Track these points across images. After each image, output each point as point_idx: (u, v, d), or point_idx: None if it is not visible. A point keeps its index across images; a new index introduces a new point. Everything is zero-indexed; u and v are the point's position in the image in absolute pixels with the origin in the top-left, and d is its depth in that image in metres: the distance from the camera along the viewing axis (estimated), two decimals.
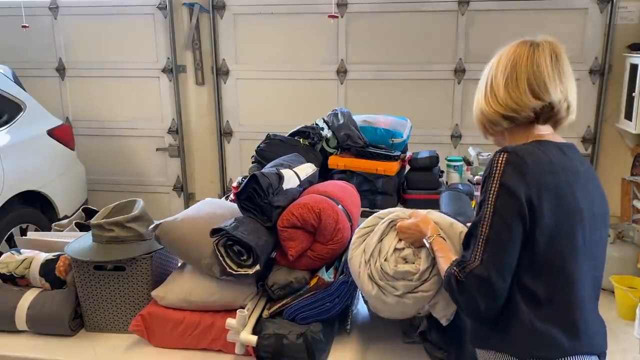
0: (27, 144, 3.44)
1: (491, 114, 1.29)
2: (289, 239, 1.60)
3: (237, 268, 1.51)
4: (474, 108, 1.36)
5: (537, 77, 1.25)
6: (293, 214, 1.61)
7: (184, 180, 4.52)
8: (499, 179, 1.18)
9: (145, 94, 4.39)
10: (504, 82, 1.27)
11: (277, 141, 2.76)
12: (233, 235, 1.50)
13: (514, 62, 1.27)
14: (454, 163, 2.89)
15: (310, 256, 1.63)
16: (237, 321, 1.46)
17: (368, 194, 2.68)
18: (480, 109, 1.33)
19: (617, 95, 3.71)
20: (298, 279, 1.60)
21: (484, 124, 1.34)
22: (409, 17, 3.92)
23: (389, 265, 1.45)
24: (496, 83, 1.29)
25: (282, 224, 1.61)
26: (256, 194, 1.62)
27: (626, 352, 1.68)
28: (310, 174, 1.89)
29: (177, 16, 4.19)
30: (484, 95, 1.31)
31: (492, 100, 1.29)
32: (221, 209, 1.79)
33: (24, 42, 4.43)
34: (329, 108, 3.02)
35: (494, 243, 1.16)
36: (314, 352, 1.46)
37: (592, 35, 3.74)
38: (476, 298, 1.16)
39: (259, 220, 1.62)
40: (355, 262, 1.51)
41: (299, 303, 1.56)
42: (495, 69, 1.30)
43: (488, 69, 1.33)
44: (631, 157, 3.78)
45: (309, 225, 1.61)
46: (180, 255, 1.67)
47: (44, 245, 1.86)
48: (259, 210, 1.63)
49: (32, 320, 1.65)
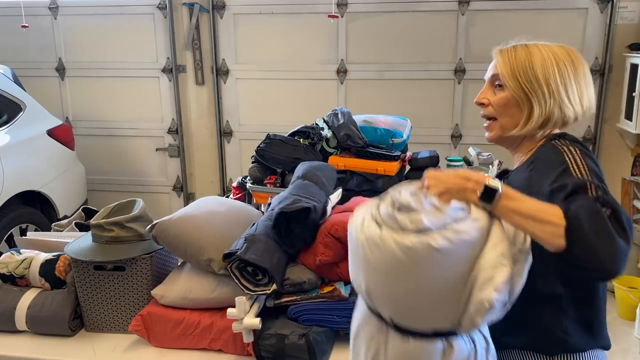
0: (27, 144, 3.44)
1: (569, 116, 1.23)
2: (327, 246, 1.57)
3: (253, 288, 1.50)
4: (545, 108, 1.22)
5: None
6: (345, 230, 1.56)
7: (184, 180, 4.52)
8: (577, 151, 1.13)
9: (145, 94, 4.39)
10: (582, 85, 1.24)
11: (277, 141, 2.76)
12: (246, 260, 1.48)
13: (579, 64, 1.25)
14: (454, 163, 2.89)
15: (336, 271, 1.61)
16: (237, 309, 1.45)
17: (368, 194, 2.68)
18: (560, 108, 1.22)
19: (617, 95, 3.71)
20: (311, 282, 1.59)
21: (540, 124, 1.23)
22: (409, 17, 3.92)
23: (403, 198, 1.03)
24: (576, 84, 1.23)
25: (330, 231, 1.57)
26: (297, 221, 1.59)
27: (626, 352, 1.68)
28: (335, 203, 1.86)
29: (177, 16, 4.19)
30: (567, 95, 1.22)
31: (576, 102, 1.24)
32: (218, 205, 1.79)
33: (24, 42, 4.43)
34: (329, 108, 3.02)
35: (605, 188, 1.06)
36: (315, 353, 1.46)
37: (592, 35, 3.74)
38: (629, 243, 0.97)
39: (281, 243, 1.59)
40: (354, 222, 1.10)
41: (307, 305, 1.54)
42: (560, 67, 1.22)
43: (549, 68, 1.22)
44: (631, 157, 3.78)
45: None
46: (178, 254, 1.67)
47: (44, 245, 1.86)
48: (286, 234, 1.59)
49: (32, 320, 1.65)
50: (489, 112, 1.30)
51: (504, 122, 1.28)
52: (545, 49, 1.24)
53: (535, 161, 1.21)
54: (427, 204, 1.01)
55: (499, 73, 1.26)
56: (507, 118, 1.27)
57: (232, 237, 1.61)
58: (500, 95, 1.26)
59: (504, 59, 1.26)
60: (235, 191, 3.00)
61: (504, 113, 1.27)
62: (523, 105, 1.23)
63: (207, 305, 1.59)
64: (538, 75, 1.22)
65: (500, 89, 1.27)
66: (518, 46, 1.27)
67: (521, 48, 1.26)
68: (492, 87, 1.30)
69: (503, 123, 1.28)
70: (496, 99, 1.27)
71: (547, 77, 1.21)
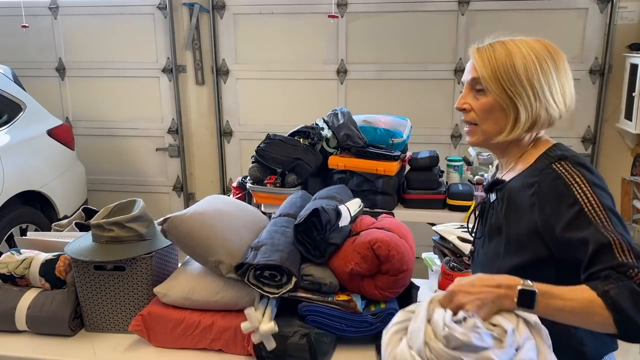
0: (27, 144, 3.44)
1: (555, 116, 1.18)
2: (364, 258, 1.56)
3: (277, 290, 1.50)
4: (531, 111, 1.16)
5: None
6: (389, 250, 1.55)
7: (184, 180, 4.52)
8: (586, 183, 1.06)
9: (145, 94, 4.39)
10: (564, 82, 1.18)
11: (277, 141, 2.77)
12: (256, 265, 1.48)
13: (558, 60, 1.18)
14: (454, 163, 2.90)
15: (359, 284, 1.61)
16: (249, 321, 1.45)
17: (368, 194, 2.69)
18: (546, 109, 1.17)
19: (617, 95, 3.71)
20: (331, 285, 1.59)
21: (527, 128, 1.18)
22: (409, 17, 3.92)
23: (455, 330, 0.94)
24: (558, 81, 1.17)
25: (373, 245, 1.56)
26: (314, 227, 1.60)
27: (627, 353, 1.68)
28: (357, 210, 1.85)
29: (177, 16, 4.19)
30: (551, 95, 1.16)
31: (560, 101, 1.18)
32: (227, 205, 1.79)
33: (24, 42, 4.43)
34: (329, 108, 3.02)
35: (628, 238, 1.01)
36: (317, 353, 1.46)
37: (592, 35, 3.74)
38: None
39: (312, 258, 1.60)
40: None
41: (320, 307, 1.54)
42: (543, 66, 1.16)
43: (532, 67, 1.15)
44: (631, 157, 3.79)
45: (388, 268, 1.57)
46: (186, 251, 1.66)
47: (44, 245, 1.86)
48: (313, 244, 1.61)
49: (32, 320, 1.65)
50: (471, 119, 1.22)
51: (487, 128, 1.21)
52: (524, 46, 1.17)
53: (539, 192, 1.11)
54: (486, 335, 0.93)
55: (479, 76, 1.18)
56: (490, 124, 1.20)
57: (241, 240, 1.63)
58: (483, 100, 1.19)
59: (483, 59, 1.18)
60: (235, 191, 3.00)
61: (487, 119, 1.20)
62: (508, 110, 1.16)
63: (209, 308, 1.59)
64: (521, 76, 1.15)
65: (482, 93, 1.19)
66: (495, 44, 1.19)
67: (499, 46, 1.18)
68: (472, 90, 1.22)
69: (486, 129, 1.21)
70: (478, 104, 1.20)
71: (531, 78, 1.15)
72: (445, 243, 1.95)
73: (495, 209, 1.24)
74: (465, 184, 2.79)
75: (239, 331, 1.50)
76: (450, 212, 2.70)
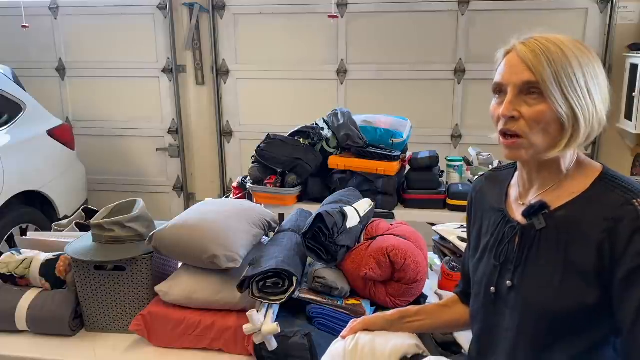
0: (27, 144, 3.44)
1: (598, 130, 1.02)
2: (379, 264, 1.57)
3: (283, 295, 1.50)
4: (590, 121, 0.99)
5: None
6: (405, 259, 1.56)
7: (184, 180, 4.52)
8: None
9: (145, 94, 4.39)
10: (601, 89, 1.01)
11: (277, 141, 2.77)
12: (254, 275, 1.48)
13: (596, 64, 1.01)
14: (454, 163, 2.89)
15: (370, 289, 1.61)
16: (252, 323, 1.45)
17: (368, 194, 2.68)
18: (599, 122, 1.01)
19: (617, 95, 3.71)
20: (342, 291, 1.59)
21: (582, 142, 1.01)
22: (409, 17, 3.93)
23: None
24: (599, 88, 1.00)
25: (390, 252, 1.57)
26: (321, 233, 1.60)
27: None
28: (368, 210, 1.85)
29: (177, 16, 4.19)
30: (602, 104, 1.01)
31: (603, 110, 1.01)
32: (209, 205, 1.80)
33: (24, 42, 4.43)
34: (329, 108, 3.02)
35: None
36: (317, 353, 1.46)
37: (592, 36, 3.74)
38: None
39: (323, 260, 1.61)
40: None
41: (328, 310, 1.54)
42: (590, 70, 0.99)
43: (588, 70, 0.98)
44: (631, 157, 3.78)
45: (402, 276, 1.57)
46: (182, 259, 1.67)
47: (44, 245, 1.86)
48: (323, 249, 1.61)
49: (32, 320, 1.65)
50: (518, 128, 1.00)
51: (538, 141, 0.99)
52: (570, 44, 0.99)
53: (615, 231, 0.95)
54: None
55: (538, 80, 0.97)
56: (542, 136, 0.99)
57: (232, 229, 1.63)
58: (538, 107, 0.98)
59: (538, 58, 0.97)
60: (236, 191, 3.00)
61: (539, 130, 0.99)
62: (567, 121, 0.97)
63: (210, 307, 1.59)
64: (580, 80, 0.96)
65: (537, 99, 0.98)
66: (543, 40, 0.99)
67: (549, 43, 0.98)
68: (520, 95, 1.00)
69: (536, 142, 0.99)
70: (532, 112, 0.98)
71: (587, 83, 0.97)
72: (445, 243, 1.95)
73: (544, 238, 1.04)
74: (465, 184, 2.79)
75: (239, 331, 1.50)
76: (450, 212, 2.70)
